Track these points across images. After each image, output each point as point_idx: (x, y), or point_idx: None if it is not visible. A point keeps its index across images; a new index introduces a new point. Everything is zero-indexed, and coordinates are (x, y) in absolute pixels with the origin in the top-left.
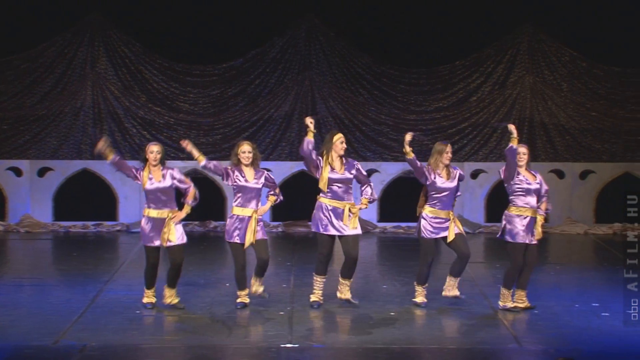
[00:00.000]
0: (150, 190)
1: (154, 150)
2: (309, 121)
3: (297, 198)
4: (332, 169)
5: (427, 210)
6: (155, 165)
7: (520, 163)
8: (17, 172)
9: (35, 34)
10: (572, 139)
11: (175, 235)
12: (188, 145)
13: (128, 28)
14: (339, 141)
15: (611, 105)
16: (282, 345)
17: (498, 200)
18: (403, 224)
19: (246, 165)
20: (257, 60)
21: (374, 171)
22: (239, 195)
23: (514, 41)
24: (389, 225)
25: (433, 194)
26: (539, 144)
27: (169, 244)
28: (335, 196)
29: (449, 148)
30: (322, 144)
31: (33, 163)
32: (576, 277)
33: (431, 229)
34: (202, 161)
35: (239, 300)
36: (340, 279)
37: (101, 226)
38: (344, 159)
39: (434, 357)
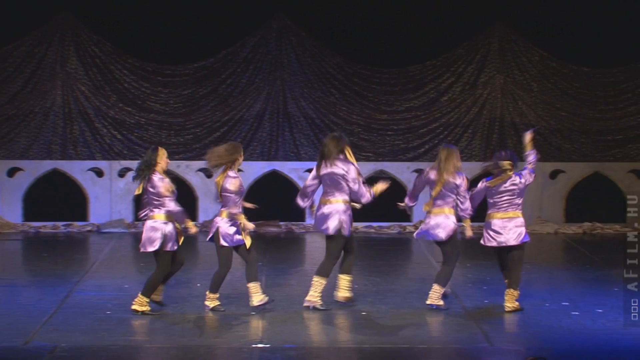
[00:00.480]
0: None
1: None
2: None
3: (269, 198)
4: None
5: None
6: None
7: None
8: None
9: (4, 34)
10: (542, 139)
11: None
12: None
13: (98, 27)
14: None
15: (581, 105)
16: (254, 346)
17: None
18: (374, 224)
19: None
20: (229, 60)
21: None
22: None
23: (485, 41)
24: (359, 225)
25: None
26: (510, 144)
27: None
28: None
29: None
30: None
31: (2, 163)
32: (546, 277)
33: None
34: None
35: (211, 303)
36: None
37: (71, 226)
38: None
39: (405, 357)
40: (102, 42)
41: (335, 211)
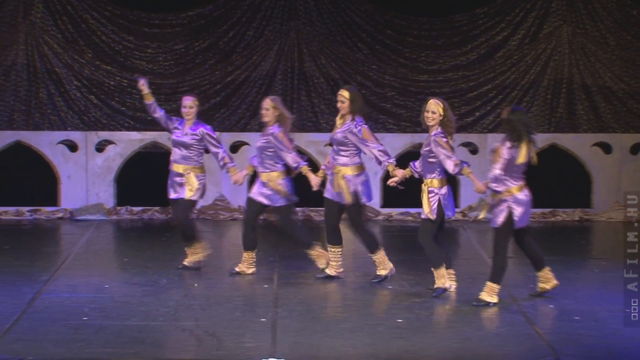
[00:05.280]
0: None
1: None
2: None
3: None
4: None
5: None
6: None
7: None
8: None
9: None
10: (620, 105)
11: None
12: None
13: None
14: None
15: None
16: None
17: (528, 182)
18: (412, 210)
19: None
20: (231, 7)
21: None
22: None
23: None
24: (395, 212)
25: None
26: (580, 111)
27: None
28: None
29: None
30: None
31: None
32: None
33: None
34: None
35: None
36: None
37: (39, 212)
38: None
39: None
40: None
41: None
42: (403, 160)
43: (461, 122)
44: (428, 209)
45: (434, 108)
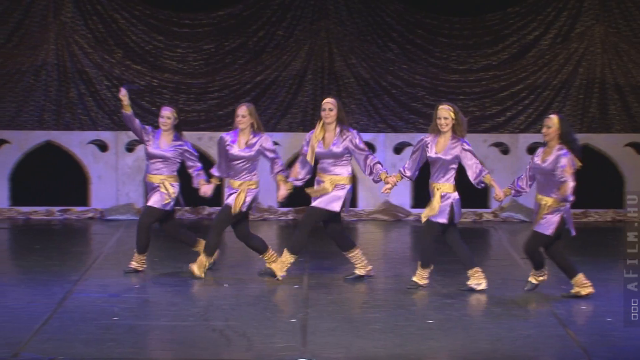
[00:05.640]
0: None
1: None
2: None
3: (311, 179)
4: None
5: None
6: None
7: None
8: None
9: None
10: None
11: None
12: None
13: None
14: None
15: None
16: None
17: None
18: None
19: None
20: (261, 7)
21: (407, 145)
22: None
23: None
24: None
25: None
26: (613, 111)
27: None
28: None
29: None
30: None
31: None
32: None
33: None
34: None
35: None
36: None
37: (69, 212)
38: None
39: None
40: None
41: None
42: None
43: (492, 122)
44: (438, 211)
45: (446, 114)
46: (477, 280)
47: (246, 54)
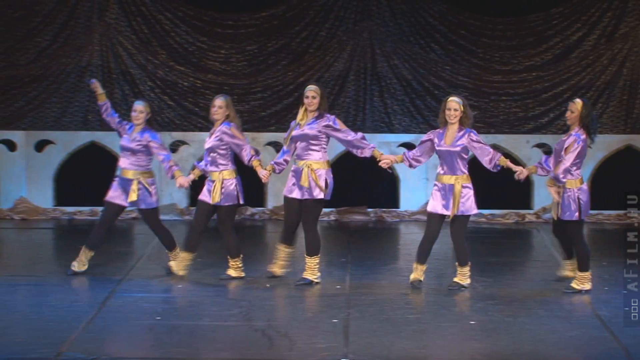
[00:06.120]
0: None
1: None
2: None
3: (353, 178)
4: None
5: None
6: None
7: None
8: (10, 145)
9: None
10: None
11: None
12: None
13: None
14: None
15: None
16: None
17: (603, 183)
18: (485, 212)
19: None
20: (304, 8)
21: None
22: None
23: None
24: None
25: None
26: None
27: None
28: None
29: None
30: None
31: (29, 135)
32: None
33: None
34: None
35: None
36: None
37: None
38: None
39: None
40: None
41: None
42: (475, 161)
43: (535, 123)
44: (469, 204)
45: (456, 105)
46: (465, 278)
47: (289, 55)
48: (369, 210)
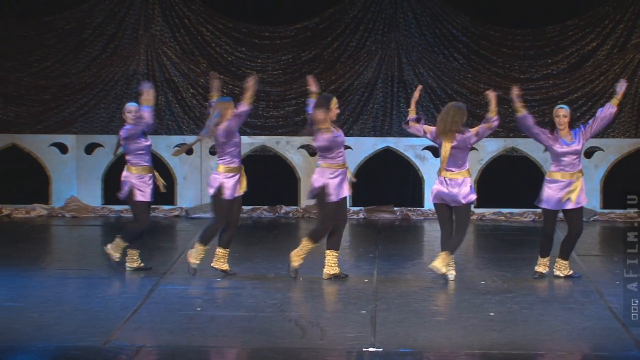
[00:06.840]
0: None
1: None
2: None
3: (381, 179)
4: None
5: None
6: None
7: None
8: (62, 148)
9: None
10: None
11: None
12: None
13: None
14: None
15: None
16: (364, 349)
17: (617, 183)
18: (504, 210)
19: None
20: (335, 20)
21: (471, 149)
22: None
23: None
24: (487, 212)
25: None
26: None
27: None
28: None
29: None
30: None
31: (80, 138)
32: None
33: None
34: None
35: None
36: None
37: (157, 211)
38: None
39: None
40: (192, 0)
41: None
42: (499, 161)
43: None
44: (474, 195)
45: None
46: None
47: (321, 64)
48: (396, 209)
